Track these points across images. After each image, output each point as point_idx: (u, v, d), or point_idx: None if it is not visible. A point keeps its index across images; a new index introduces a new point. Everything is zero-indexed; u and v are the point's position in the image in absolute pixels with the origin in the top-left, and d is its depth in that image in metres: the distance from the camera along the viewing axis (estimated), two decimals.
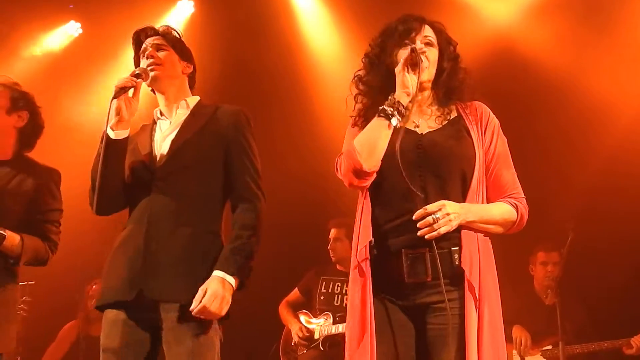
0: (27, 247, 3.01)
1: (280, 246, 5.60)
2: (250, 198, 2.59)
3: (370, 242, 2.25)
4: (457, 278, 2.20)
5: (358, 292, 2.25)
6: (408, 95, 2.28)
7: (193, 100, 2.76)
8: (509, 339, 4.63)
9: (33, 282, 4.81)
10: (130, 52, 2.85)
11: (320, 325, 4.84)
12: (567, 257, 4.41)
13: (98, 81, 6.12)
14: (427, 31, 2.39)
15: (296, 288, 5.11)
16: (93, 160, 2.59)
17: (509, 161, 2.37)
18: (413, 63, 2.28)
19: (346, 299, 4.82)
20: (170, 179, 2.55)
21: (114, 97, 2.51)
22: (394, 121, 2.26)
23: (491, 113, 2.41)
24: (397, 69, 2.30)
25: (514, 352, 4.63)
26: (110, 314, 2.51)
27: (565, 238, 4.39)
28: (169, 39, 2.76)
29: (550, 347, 4.57)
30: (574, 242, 4.35)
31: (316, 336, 4.82)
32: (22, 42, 6.15)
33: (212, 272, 2.46)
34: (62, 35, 6.30)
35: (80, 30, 6.29)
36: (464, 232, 2.22)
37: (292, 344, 4.92)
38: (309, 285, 5.05)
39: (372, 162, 2.24)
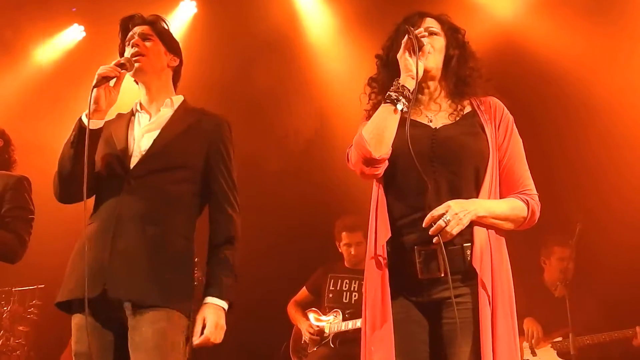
0: None
1: (287, 246, 5.62)
2: (229, 210, 2.55)
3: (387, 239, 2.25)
4: (470, 274, 2.20)
5: (376, 288, 2.24)
6: (412, 78, 2.26)
7: (177, 99, 2.69)
8: (520, 331, 4.63)
9: (43, 286, 4.83)
10: None
11: (330, 322, 4.83)
12: (576, 248, 4.41)
13: None
14: (429, 22, 2.40)
15: (304, 287, 5.11)
16: (62, 147, 2.50)
17: (522, 158, 2.36)
18: (414, 47, 2.26)
19: (355, 296, 4.82)
20: (145, 179, 2.47)
21: (95, 86, 2.41)
22: (400, 106, 2.24)
23: (505, 109, 2.40)
24: (399, 55, 2.29)
25: (525, 344, 4.64)
26: (77, 318, 2.44)
27: (573, 230, 4.39)
28: (156, 28, 2.69)
29: (560, 338, 4.57)
30: (582, 233, 4.35)
31: (326, 333, 4.82)
32: (25, 45, 6.18)
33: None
34: (66, 38, 6.32)
35: (84, 34, 6.31)
36: (475, 228, 2.22)
37: (302, 343, 4.93)
38: (317, 283, 5.04)
39: (381, 149, 2.23)
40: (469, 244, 2.21)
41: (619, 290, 4.68)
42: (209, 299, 2.44)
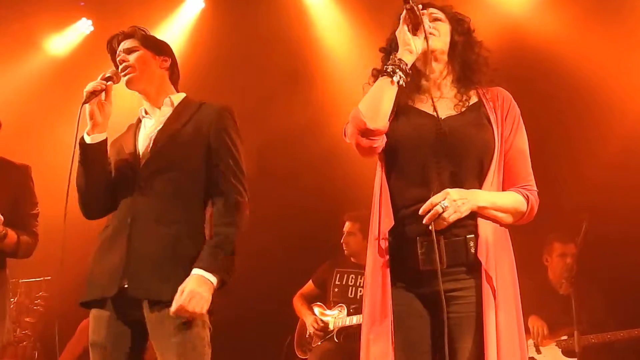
0: (22, 243, 3.23)
1: (294, 239, 5.62)
2: (231, 195, 2.54)
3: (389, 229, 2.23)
4: (473, 266, 2.18)
5: (376, 278, 2.23)
6: (410, 52, 2.24)
7: (178, 97, 2.73)
8: (525, 329, 4.61)
9: (49, 278, 4.85)
10: None
11: (335, 317, 4.85)
12: (582, 247, 4.39)
13: None
14: (433, 11, 2.38)
15: (310, 280, 5.12)
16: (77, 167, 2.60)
17: (526, 152, 2.33)
18: (414, 23, 2.25)
19: (360, 291, 4.82)
20: (152, 178, 2.55)
21: (85, 102, 2.53)
22: (396, 78, 2.22)
23: (513, 100, 2.36)
24: (398, 30, 2.28)
25: (530, 342, 4.63)
26: (95, 312, 2.56)
27: (579, 228, 4.37)
28: (138, 38, 2.74)
29: (565, 337, 4.56)
30: (588, 232, 4.33)
31: (330, 328, 4.83)
32: (34, 39, 6.19)
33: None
34: (74, 32, 6.33)
35: (92, 28, 6.32)
36: (479, 220, 2.20)
37: (307, 336, 4.94)
38: (323, 278, 5.05)
39: (377, 121, 2.21)
40: (473, 235, 2.18)
41: (625, 289, 4.67)
42: (193, 271, 2.42)
